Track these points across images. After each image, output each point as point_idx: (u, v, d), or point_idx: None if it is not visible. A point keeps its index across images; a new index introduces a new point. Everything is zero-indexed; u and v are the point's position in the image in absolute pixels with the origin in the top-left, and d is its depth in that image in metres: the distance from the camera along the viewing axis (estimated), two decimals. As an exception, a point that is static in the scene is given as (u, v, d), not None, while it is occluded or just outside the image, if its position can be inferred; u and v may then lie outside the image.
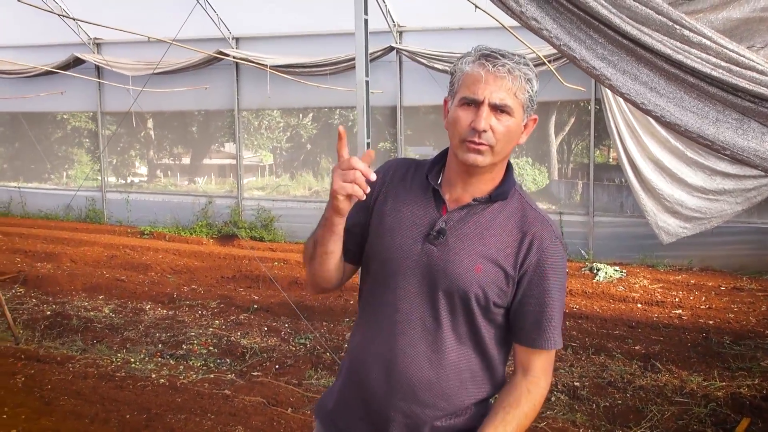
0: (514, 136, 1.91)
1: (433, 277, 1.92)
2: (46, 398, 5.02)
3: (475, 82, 1.85)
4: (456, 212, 1.96)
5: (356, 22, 5.55)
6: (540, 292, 1.92)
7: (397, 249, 1.96)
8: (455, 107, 1.90)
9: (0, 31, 13.42)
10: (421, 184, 2.03)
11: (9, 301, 7.63)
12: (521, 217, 1.96)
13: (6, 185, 15.27)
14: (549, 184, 13.49)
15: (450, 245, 1.92)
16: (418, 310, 1.94)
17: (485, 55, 1.87)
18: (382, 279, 2.00)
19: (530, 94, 1.89)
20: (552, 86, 9.97)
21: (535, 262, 1.91)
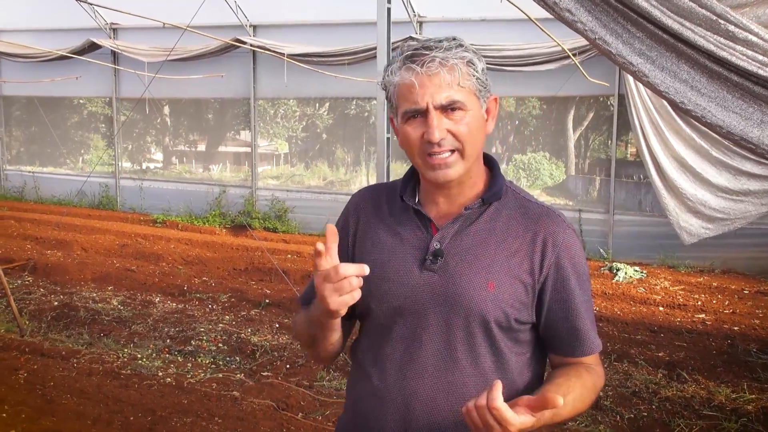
0: (479, 129, 1.67)
1: (440, 308, 1.67)
2: (48, 396, 4.86)
3: (410, 90, 1.60)
4: (448, 227, 1.70)
5: (378, 10, 5.35)
6: (567, 295, 1.69)
7: (390, 284, 1.71)
8: (401, 125, 1.66)
9: (17, 15, 13.35)
10: (400, 208, 1.79)
11: (17, 290, 7.52)
12: (524, 215, 1.73)
13: (20, 169, 15.18)
14: (566, 179, 13.27)
15: (452, 267, 1.67)
16: (429, 349, 1.68)
17: (409, 56, 1.61)
18: (381, 323, 1.75)
19: (476, 75, 1.64)
20: (574, 81, 9.73)
21: (554, 263, 1.67)
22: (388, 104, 1.72)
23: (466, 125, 1.62)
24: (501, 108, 13.51)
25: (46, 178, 14.62)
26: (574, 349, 1.72)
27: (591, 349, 1.73)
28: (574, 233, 1.74)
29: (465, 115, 1.62)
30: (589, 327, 1.72)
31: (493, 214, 1.72)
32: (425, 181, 1.74)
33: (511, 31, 10.15)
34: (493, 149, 13.42)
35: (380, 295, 1.72)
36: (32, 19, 13.40)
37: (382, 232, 1.77)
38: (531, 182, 13.31)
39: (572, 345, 1.72)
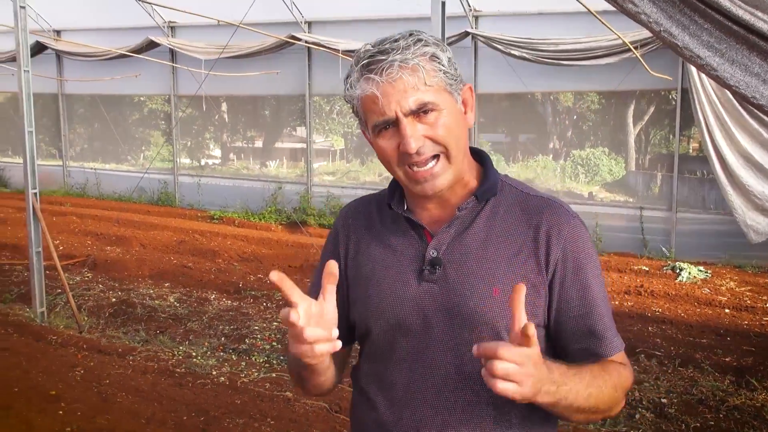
0: (459, 124, 1.52)
1: (444, 322, 1.52)
2: (103, 394, 4.89)
3: (374, 101, 1.46)
4: (443, 233, 1.56)
5: (433, 5, 5.23)
6: (580, 291, 1.53)
7: (388, 301, 1.57)
8: (374, 139, 1.53)
9: (78, 15, 13.60)
10: (390, 218, 1.65)
11: (76, 286, 7.63)
12: (523, 208, 1.58)
13: (83, 166, 15.49)
14: (626, 175, 12.95)
15: (452, 275, 1.53)
16: (437, 368, 1.53)
17: (365, 65, 1.46)
18: (383, 345, 1.60)
19: (443, 69, 1.49)
20: (635, 75, 9.48)
21: (561, 256, 1.52)
22: (356, 118, 1.58)
23: (444, 126, 1.48)
24: (559, 103, 13.31)
25: (108, 175, 14.89)
26: (593, 350, 1.54)
27: (612, 349, 1.55)
28: (581, 223, 1.58)
29: (439, 115, 1.48)
30: (608, 324, 1.56)
31: (490, 213, 1.58)
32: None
33: (569, 24, 9.93)
34: (551, 144, 13.19)
35: (378, 314, 1.58)
36: (93, 19, 13.64)
37: (374, 247, 1.64)
38: (589, 178, 13.03)
39: (590, 347, 1.55)
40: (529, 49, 10.17)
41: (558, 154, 13.00)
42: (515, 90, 11.34)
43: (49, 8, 13.90)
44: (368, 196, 1.77)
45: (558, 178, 12.58)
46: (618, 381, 1.52)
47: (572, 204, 11.41)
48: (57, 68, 15.04)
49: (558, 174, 12.57)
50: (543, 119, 12.81)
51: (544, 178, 12.56)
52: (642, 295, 7.85)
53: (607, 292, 1.61)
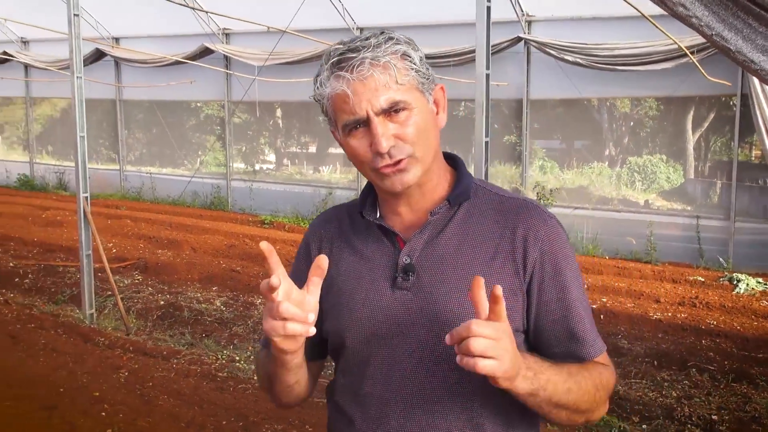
0: (429, 126, 1.49)
1: (419, 331, 1.47)
2: (146, 396, 4.94)
3: (344, 100, 1.43)
4: (416, 238, 1.52)
5: (477, 10, 5.15)
6: (559, 294, 1.49)
7: (361, 311, 1.52)
8: (344, 138, 1.49)
9: (136, 22, 13.89)
10: (363, 226, 1.60)
11: (126, 289, 7.75)
12: (498, 211, 1.54)
13: (140, 170, 15.79)
14: (684, 183, 12.63)
15: (425, 282, 1.48)
16: (413, 379, 1.47)
17: (335, 63, 1.43)
18: (357, 357, 1.55)
19: (415, 68, 1.45)
20: (693, 80, 9.24)
21: (539, 258, 1.48)
22: (325, 118, 1.55)
23: (414, 125, 1.45)
24: (615, 109, 13.07)
25: (163, 179, 15.13)
26: (573, 353, 1.50)
27: (593, 351, 1.51)
28: (558, 224, 1.54)
29: (410, 114, 1.44)
30: (588, 326, 1.52)
31: (464, 217, 1.54)
32: (383, 192, 1.57)
33: (625, 29, 9.73)
34: (606, 151, 12.95)
35: (352, 325, 1.53)
36: (150, 27, 13.92)
37: (346, 256, 1.60)
38: (646, 186, 12.75)
39: (570, 350, 1.50)
40: (583, 55, 10.01)
41: (614, 161, 12.76)
42: (568, 96, 11.17)
43: (109, 16, 14.26)
44: (340, 206, 1.73)
45: (613, 185, 12.33)
46: (599, 381, 1.48)
47: (627, 212, 11.24)
48: (115, 75, 15.37)
49: (613, 181, 12.33)
50: (599, 125, 12.59)
51: (599, 185, 12.34)
52: (696, 307, 7.62)
53: (587, 294, 1.57)
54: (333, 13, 11.69)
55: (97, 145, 16.81)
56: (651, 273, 9.06)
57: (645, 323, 7.11)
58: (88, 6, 13.87)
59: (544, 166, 13.66)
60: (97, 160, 16.75)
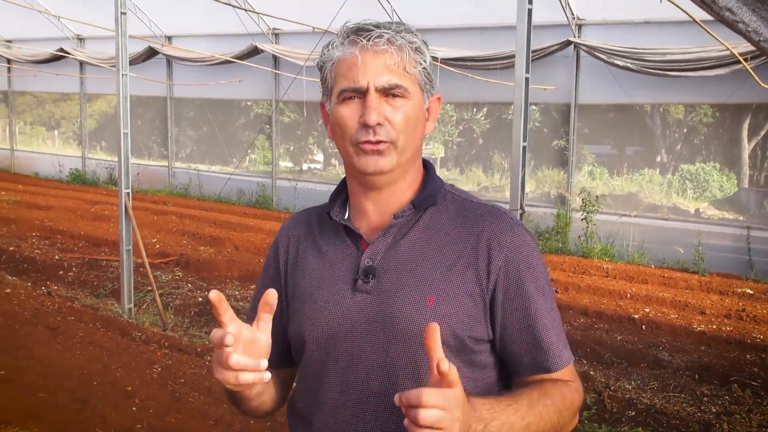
0: (418, 123, 1.47)
1: (377, 335, 1.44)
2: (177, 393, 4.98)
3: (351, 66, 1.41)
4: (379, 241, 1.48)
5: (519, 13, 5.08)
6: (523, 302, 1.45)
7: (321, 313, 1.49)
8: (335, 106, 1.46)
9: (189, 21, 14.09)
10: (330, 227, 1.58)
11: (166, 284, 7.83)
12: (464, 218, 1.50)
13: (188, 167, 16.00)
14: (738, 192, 12.31)
15: (385, 285, 1.45)
16: (370, 383, 1.44)
17: (354, 30, 1.43)
18: (317, 360, 1.51)
19: (423, 65, 1.46)
20: (748, 87, 8.98)
21: (503, 266, 1.44)
22: (321, 87, 1.52)
23: (404, 114, 1.44)
24: (669, 115, 12.79)
25: (210, 176, 15.30)
26: (539, 364, 1.46)
27: (558, 363, 1.47)
28: (526, 232, 1.50)
29: (405, 103, 1.44)
30: (554, 337, 1.47)
31: (428, 221, 1.51)
32: (353, 183, 1.54)
33: (677, 34, 9.52)
34: (658, 158, 12.70)
35: (311, 328, 1.50)
36: (202, 25, 14.10)
37: (311, 258, 1.58)
38: (698, 194, 12.46)
39: (535, 360, 1.47)
40: (633, 59, 9.82)
41: (665, 168, 12.50)
42: (618, 101, 10.99)
43: (162, 15, 14.51)
44: (312, 208, 1.70)
45: (664, 192, 12.08)
46: (562, 404, 1.43)
47: (675, 221, 10.98)
48: (167, 73, 15.62)
49: (664, 188, 12.08)
50: (651, 131, 12.35)
51: (649, 192, 12.10)
52: (743, 320, 7.40)
53: (556, 303, 1.51)
54: (381, 14, 11.68)
55: (150, 141, 17.11)
56: (697, 284, 8.84)
57: (688, 335, 6.92)
58: (143, 4, 14.16)
59: (593, 172, 13.45)
60: (149, 157, 17.04)
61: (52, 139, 20.11)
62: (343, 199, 1.59)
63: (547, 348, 1.46)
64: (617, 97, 10.67)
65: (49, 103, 20.06)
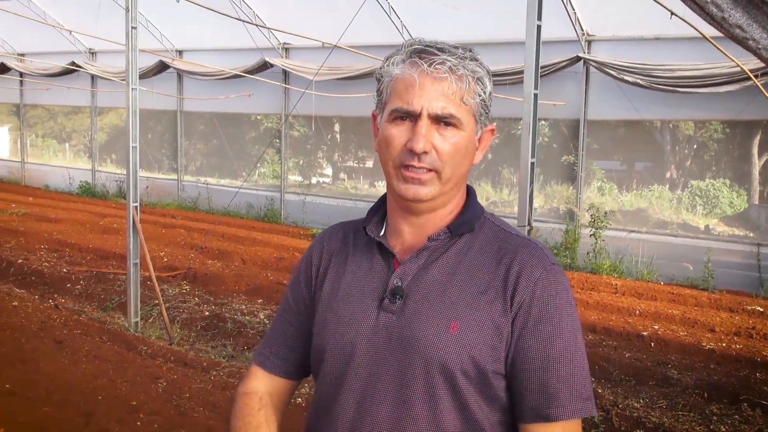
0: (467, 154, 1.46)
1: (397, 356, 1.41)
2: (182, 408, 4.95)
3: (408, 87, 1.40)
4: (411, 262, 1.47)
5: (527, 29, 5.08)
6: (541, 343, 1.39)
7: (345, 328, 1.48)
8: (385, 123, 1.45)
9: (200, 35, 14.18)
10: (364, 243, 1.56)
11: (173, 298, 7.83)
12: (499, 248, 1.47)
13: (198, 180, 16.04)
14: (748, 208, 12.25)
15: (411, 307, 1.43)
16: (384, 406, 1.42)
17: (418, 51, 1.40)
18: (334, 375, 1.49)
19: (482, 97, 1.44)
20: (759, 104, 8.94)
21: (527, 301, 1.39)
22: (376, 97, 1.50)
23: (454, 145, 1.42)
24: (679, 131, 12.76)
25: (219, 190, 15.33)
26: (539, 410, 1.38)
27: (560, 413, 1.37)
28: (559, 270, 1.45)
29: (457, 133, 1.42)
30: (565, 384, 1.38)
31: (462, 247, 1.48)
32: (393, 203, 1.53)
33: (687, 50, 9.52)
34: (668, 174, 12.66)
35: (332, 342, 1.49)
36: (213, 40, 14.18)
37: (342, 271, 1.56)
38: (708, 210, 12.41)
39: (537, 405, 1.39)
40: (643, 75, 9.81)
41: (675, 184, 12.47)
42: (628, 117, 10.97)
43: (173, 30, 14.62)
44: (350, 221, 1.70)
45: (673, 208, 12.04)
46: None
47: (685, 237, 10.92)
48: (177, 86, 15.70)
49: (674, 205, 12.03)
50: (661, 147, 12.32)
51: (659, 208, 12.05)
52: (753, 338, 7.33)
53: (582, 354, 1.42)
54: (391, 29, 11.73)
55: (159, 155, 17.17)
56: (707, 301, 8.78)
57: (697, 353, 6.87)
58: (154, 19, 14.26)
59: (602, 188, 13.42)
60: (159, 170, 17.10)
61: (63, 152, 20.22)
62: (381, 215, 1.59)
63: (552, 394, 1.38)
64: (627, 113, 10.65)
65: (60, 116, 20.20)
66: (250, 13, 12.63)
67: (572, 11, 10.20)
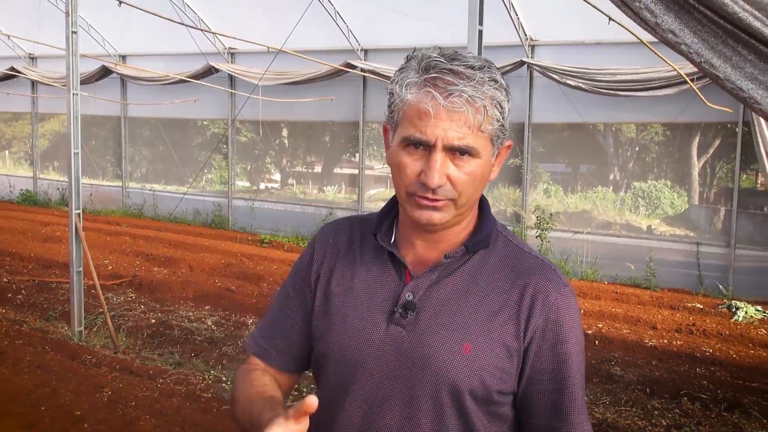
0: (482, 179, 1.41)
1: (406, 372, 1.41)
2: (127, 416, 4.89)
3: (422, 116, 1.33)
4: (424, 276, 1.45)
5: (470, 33, 5.14)
6: (556, 365, 1.42)
7: (351, 337, 1.45)
8: (397, 148, 1.40)
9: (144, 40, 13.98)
10: (373, 248, 1.53)
11: (118, 306, 7.71)
12: (513, 268, 1.46)
13: (143, 187, 15.82)
14: (688, 209, 12.58)
15: (423, 323, 1.41)
16: (390, 420, 1.42)
17: (432, 79, 1.32)
18: (339, 383, 1.48)
19: (501, 122, 1.39)
20: (695, 107, 9.20)
21: (542, 324, 1.41)
22: (387, 111, 1.44)
23: (469, 174, 1.37)
24: (621, 134, 13.03)
25: (165, 197, 15.14)
26: (553, 429, 1.43)
27: (573, 430, 1.43)
28: (571, 293, 1.47)
29: (473, 161, 1.37)
30: (580, 406, 1.44)
31: (477, 265, 1.46)
32: (405, 218, 1.49)
33: (628, 55, 9.71)
34: (611, 176, 12.92)
35: (339, 350, 1.47)
36: (157, 45, 14.00)
37: (348, 275, 1.53)
38: (650, 211, 12.70)
39: (550, 425, 1.43)
40: (585, 79, 10.00)
41: (618, 186, 12.73)
42: (570, 120, 11.16)
43: (116, 34, 14.38)
44: (354, 218, 1.65)
45: (617, 210, 12.28)
46: None
47: (628, 237, 11.16)
48: (121, 92, 15.46)
49: (617, 206, 12.28)
50: (604, 150, 12.57)
51: (603, 210, 12.29)
52: (693, 334, 7.53)
53: (584, 375, 1.48)
54: (338, 34, 11.76)
55: (103, 161, 16.89)
56: (649, 299, 8.98)
57: (640, 350, 7.02)
58: (96, 23, 14.03)
59: (548, 190, 13.62)
60: (103, 177, 16.82)
61: (2, 159, 19.73)
62: (391, 221, 1.55)
63: (567, 416, 1.42)
64: (570, 117, 10.84)
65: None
66: (194, 18, 12.52)
67: (515, 16, 10.35)
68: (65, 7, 6.58)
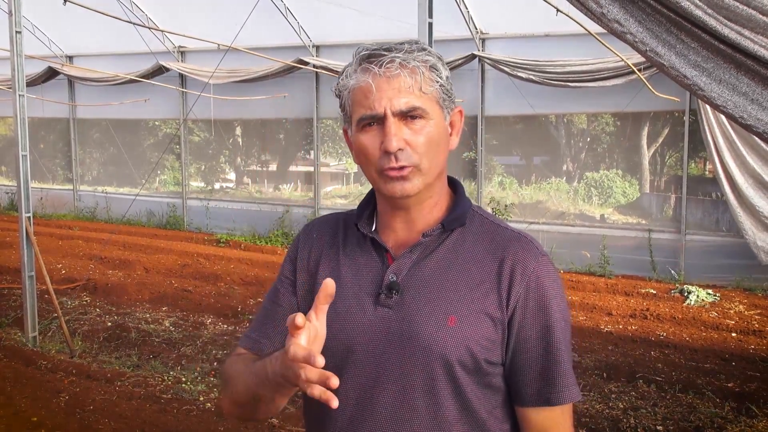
0: (441, 142, 1.47)
1: (396, 350, 1.45)
2: (85, 421, 4.82)
3: (366, 94, 1.42)
4: (405, 257, 1.50)
5: (419, 27, 5.15)
6: (540, 331, 1.46)
7: (341, 322, 1.49)
8: (356, 135, 1.47)
9: (90, 40, 13.74)
10: (356, 238, 1.59)
11: (73, 311, 7.60)
12: (491, 241, 1.51)
13: (95, 190, 15.57)
14: (640, 197, 12.84)
15: (408, 301, 1.46)
16: (384, 399, 1.46)
17: (366, 56, 1.43)
18: (333, 367, 1.46)
19: (440, 82, 1.46)
20: (643, 96, 9.36)
21: (524, 293, 1.45)
22: (341, 113, 1.53)
23: (426, 136, 1.43)
24: (573, 125, 13.21)
25: (118, 199, 14.93)
26: (542, 395, 1.47)
27: (562, 396, 1.47)
28: (550, 262, 1.51)
29: (426, 124, 1.43)
30: (566, 370, 1.48)
31: (455, 242, 1.52)
32: (382, 201, 1.55)
33: (576, 46, 9.84)
34: (564, 167, 13.10)
35: (329, 336, 1.46)
36: (104, 44, 13.77)
37: (334, 265, 1.58)
38: (603, 200, 12.92)
39: (539, 391, 1.47)
40: (535, 71, 10.11)
41: (571, 177, 12.93)
42: (523, 112, 11.27)
43: (62, 34, 14.11)
44: (337, 214, 1.70)
45: (570, 200, 12.47)
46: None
47: (582, 226, 11.32)
48: (69, 93, 15.18)
49: (571, 196, 12.46)
50: (557, 142, 12.74)
51: (557, 201, 12.46)
52: (647, 319, 7.69)
53: (570, 340, 1.51)
54: (289, 31, 11.69)
55: (53, 165, 16.60)
56: (604, 286, 9.13)
57: (596, 336, 7.14)
58: (41, 23, 13.74)
59: (503, 182, 13.77)
60: (53, 180, 16.52)
61: (-53, 165, 19.24)
62: (371, 210, 1.60)
63: (554, 380, 1.46)
64: (522, 109, 10.94)
65: (-57, 128, 19.21)
66: (142, 17, 12.34)
67: (465, 10, 10.41)
68: (8, 6, 6.44)
